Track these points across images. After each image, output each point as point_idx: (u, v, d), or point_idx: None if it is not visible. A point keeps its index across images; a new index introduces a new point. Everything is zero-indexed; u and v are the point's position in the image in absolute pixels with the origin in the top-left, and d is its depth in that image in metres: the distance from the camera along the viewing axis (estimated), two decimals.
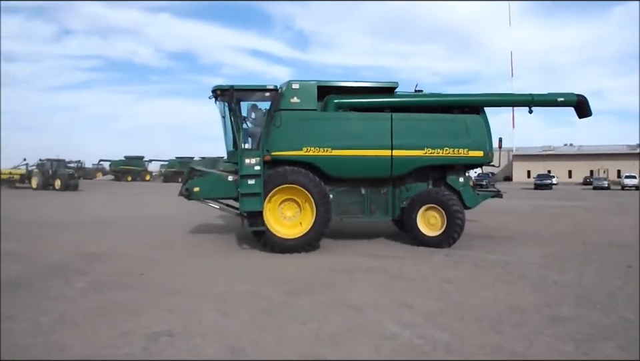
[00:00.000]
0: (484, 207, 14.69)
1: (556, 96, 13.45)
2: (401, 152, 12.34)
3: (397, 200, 13.05)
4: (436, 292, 7.96)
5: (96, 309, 6.76)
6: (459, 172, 13.19)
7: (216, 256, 11.17)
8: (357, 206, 12.86)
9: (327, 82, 12.53)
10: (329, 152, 11.99)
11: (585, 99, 13.43)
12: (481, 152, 12.80)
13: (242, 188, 11.54)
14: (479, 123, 12.93)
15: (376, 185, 12.90)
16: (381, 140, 12.34)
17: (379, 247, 12.49)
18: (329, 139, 12.05)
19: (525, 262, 10.64)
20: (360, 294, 7.74)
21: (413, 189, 13.04)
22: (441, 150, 12.52)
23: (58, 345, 5.41)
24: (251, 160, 11.66)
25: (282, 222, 11.96)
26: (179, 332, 5.87)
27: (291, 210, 12.08)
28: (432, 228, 12.61)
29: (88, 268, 9.54)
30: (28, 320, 6.28)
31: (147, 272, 9.21)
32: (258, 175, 11.57)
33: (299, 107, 12.05)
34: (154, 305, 7.01)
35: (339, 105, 12.49)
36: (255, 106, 12.77)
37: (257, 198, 11.52)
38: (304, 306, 7.04)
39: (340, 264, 10.27)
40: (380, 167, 12.37)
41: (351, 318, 6.51)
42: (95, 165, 74.45)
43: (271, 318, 6.47)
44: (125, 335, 5.74)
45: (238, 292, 7.75)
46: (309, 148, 11.95)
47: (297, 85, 12.14)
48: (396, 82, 12.92)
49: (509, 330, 6.08)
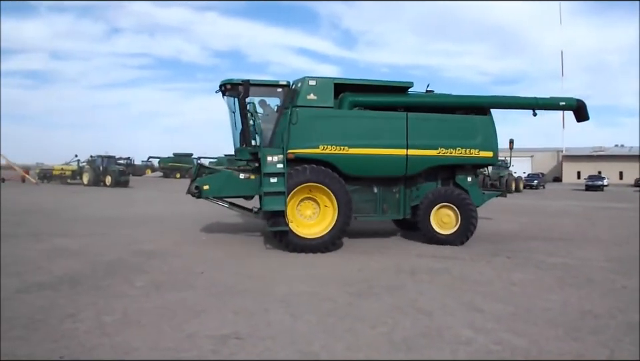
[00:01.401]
0: (539, 208, 14.38)
1: (558, 100, 13.90)
2: (415, 152, 12.34)
3: (407, 199, 13.05)
4: (503, 296, 7.69)
5: (159, 309, 6.68)
6: (467, 171, 13.29)
7: (271, 255, 11.06)
8: (370, 205, 12.76)
9: (343, 80, 12.47)
10: (346, 151, 11.81)
11: (583, 104, 13.93)
12: (491, 152, 13.01)
13: (265, 187, 11.17)
14: (489, 124, 13.13)
15: (388, 184, 12.84)
16: (397, 140, 12.27)
17: (435, 248, 12.19)
18: (345, 137, 11.88)
19: (589, 266, 10.30)
20: (426, 297, 7.53)
21: (423, 188, 13.07)
22: (453, 150, 12.63)
23: (124, 347, 5.30)
24: (274, 157, 11.34)
25: (301, 221, 11.77)
26: (247, 334, 5.73)
27: (310, 208, 11.91)
28: (445, 227, 12.67)
29: (146, 266, 9.51)
30: (91, 319, 6.20)
31: (206, 271, 9.13)
32: (281, 174, 11.25)
33: (315, 104, 11.87)
34: (218, 305, 6.89)
35: (354, 103, 12.36)
36: (264, 102, 12.63)
37: (280, 197, 11.17)
38: (370, 309, 6.84)
39: (400, 265, 10.04)
40: (395, 166, 12.32)
41: (421, 322, 6.29)
42: (144, 162, 75.29)
43: (339, 321, 6.28)
44: (192, 337, 5.62)
45: (300, 293, 7.60)
46: (326, 146, 11.74)
47: (313, 82, 11.95)
48: (411, 82, 12.91)
49: (587, 337, 5.82)
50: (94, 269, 9.11)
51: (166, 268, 9.39)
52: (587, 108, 14.02)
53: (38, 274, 8.59)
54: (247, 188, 12.08)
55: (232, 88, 12.08)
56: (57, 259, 9.99)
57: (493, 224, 17.55)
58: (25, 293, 7.38)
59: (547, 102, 13.80)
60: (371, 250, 11.74)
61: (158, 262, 9.92)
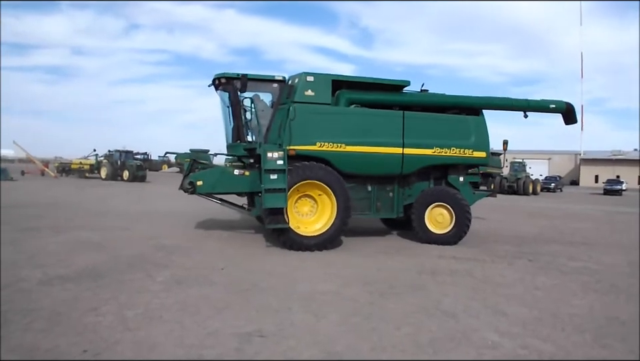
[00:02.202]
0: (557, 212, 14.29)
1: (549, 103, 14.04)
2: (411, 150, 12.34)
3: (401, 198, 13.08)
4: (527, 299, 7.58)
5: (181, 304, 6.65)
6: (460, 171, 13.32)
7: (290, 252, 10.97)
8: (364, 203, 12.70)
9: (341, 77, 12.37)
10: (343, 148, 11.73)
11: (572, 107, 14.19)
12: (484, 152, 13.13)
13: (265, 184, 10.89)
14: (482, 125, 13.23)
15: (382, 182, 12.82)
16: (393, 138, 12.24)
17: (455, 248, 12.09)
18: (342, 135, 11.80)
19: (612, 271, 10.17)
20: (450, 298, 7.45)
21: (416, 187, 13.13)
22: (448, 150, 12.69)
23: (148, 342, 5.27)
24: (274, 154, 11.06)
25: (299, 219, 11.64)
26: (271, 332, 5.68)
27: (307, 206, 11.80)
28: (439, 226, 12.69)
29: (167, 260, 9.49)
30: (114, 313, 6.18)
31: (227, 267, 9.10)
32: (282, 170, 11.01)
33: (313, 100, 11.74)
34: (240, 302, 6.86)
35: (350, 100, 12.29)
36: (258, 97, 12.37)
37: (280, 194, 10.91)
38: (394, 309, 6.76)
39: (420, 265, 9.97)
40: (391, 165, 12.30)
41: (446, 324, 6.21)
42: (160, 157, 75.55)
43: (363, 321, 6.21)
44: (214, 334, 5.58)
45: (322, 292, 7.54)
46: (323, 143, 11.64)
47: (311, 78, 11.83)
48: (407, 81, 12.87)
49: (615, 344, 5.72)
50: (115, 263, 9.12)
51: (187, 263, 9.36)
52: (575, 112, 14.31)
53: (60, 267, 8.61)
54: (241, 184, 11.95)
55: (226, 82, 11.94)
56: (79, 252, 10.00)
57: (512, 226, 17.44)
58: (47, 285, 7.39)
59: (538, 105, 13.97)
60: (388, 250, 11.65)
61: (178, 257, 9.90)
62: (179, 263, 9.34)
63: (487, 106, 13.55)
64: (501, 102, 13.81)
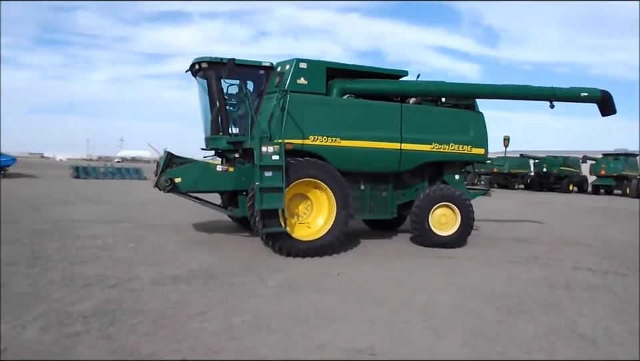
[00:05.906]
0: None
1: (579, 90, 12.83)
2: (409, 146, 11.43)
3: (395, 198, 12.02)
4: None
5: (290, 312, 6.27)
6: (455, 169, 12.55)
7: (409, 257, 10.37)
8: (357, 203, 11.26)
9: (336, 64, 11.28)
10: (338, 143, 10.65)
11: (609, 95, 12.88)
12: (482, 149, 12.34)
13: (260, 182, 9.51)
14: (480, 120, 12.42)
15: (376, 181, 11.73)
16: (391, 132, 11.29)
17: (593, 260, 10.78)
18: (337, 128, 10.72)
19: None
20: (587, 319, 6.47)
21: (410, 186, 12.27)
22: (446, 146, 11.84)
23: (251, 353, 4.92)
24: (269, 148, 9.68)
25: (294, 221, 10.39)
26: (383, 350, 5.12)
27: (301, 207, 10.62)
28: (443, 228, 11.65)
29: (281, 264, 9.19)
30: (220, 319, 5.91)
31: (342, 273, 8.65)
32: (278, 167, 9.63)
33: (305, 89, 10.62)
34: (353, 313, 6.36)
35: (344, 90, 11.18)
36: (244, 85, 11.15)
37: (277, 194, 9.58)
38: (523, 330, 5.95)
39: (552, 278, 8.91)
40: (389, 161, 11.34)
41: (585, 351, 5.34)
42: None
43: (489, 343, 5.46)
44: (323, 347, 5.12)
45: (442, 305, 6.86)
46: (317, 137, 10.53)
47: (304, 65, 10.69)
48: (405, 71, 12.08)
49: None
50: (228, 265, 8.93)
51: (301, 267, 9.02)
52: (613, 101, 12.96)
53: (175, 267, 8.56)
54: (224, 182, 10.93)
55: (208, 68, 11.01)
56: (194, 252, 9.97)
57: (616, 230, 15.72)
58: (159, 285, 7.31)
59: (566, 93, 12.79)
60: (516, 259, 10.64)
61: (292, 260, 9.59)
62: (294, 267, 9.03)
63: (501, 94, 12.61)
64: (523, 91, 12.76)
